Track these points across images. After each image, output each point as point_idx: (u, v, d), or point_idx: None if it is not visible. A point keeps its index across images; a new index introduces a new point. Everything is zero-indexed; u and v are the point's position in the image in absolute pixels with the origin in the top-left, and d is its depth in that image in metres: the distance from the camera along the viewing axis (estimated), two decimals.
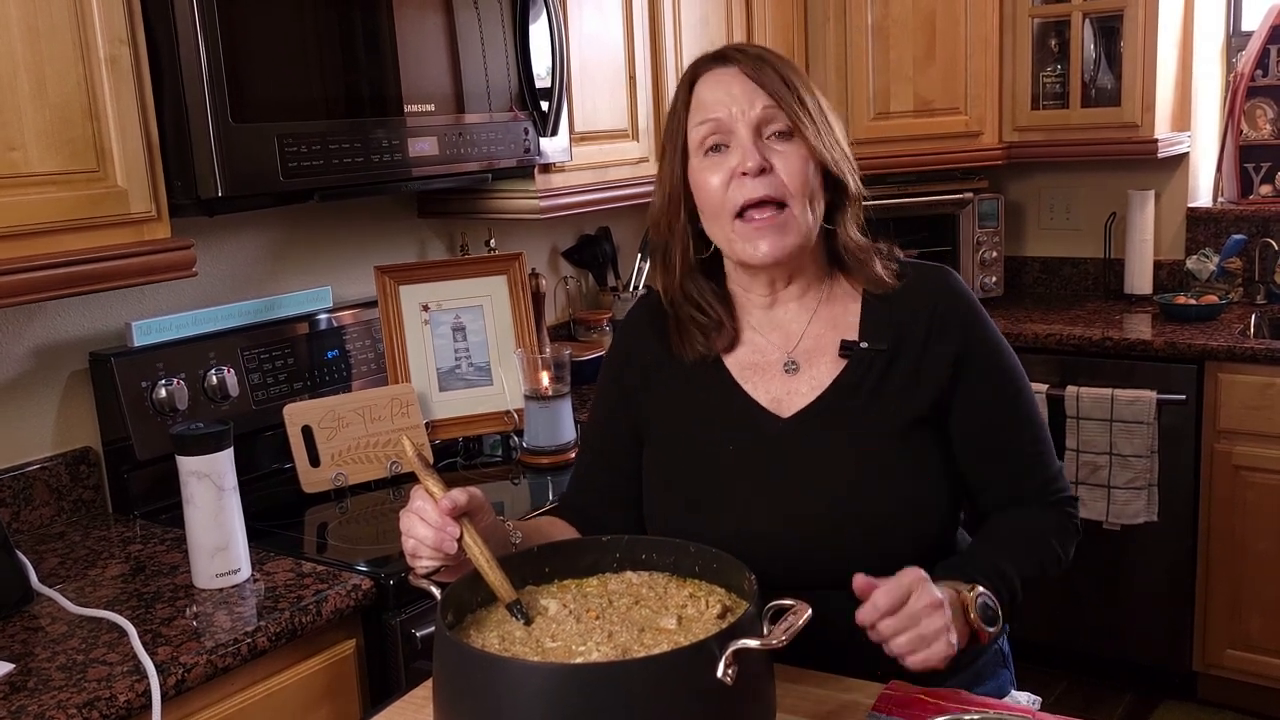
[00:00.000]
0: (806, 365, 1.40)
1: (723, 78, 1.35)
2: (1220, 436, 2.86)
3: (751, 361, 1.42)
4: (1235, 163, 3.41)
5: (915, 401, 1.36)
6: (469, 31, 2.06)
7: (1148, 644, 3.06)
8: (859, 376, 1.37)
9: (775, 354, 1.41)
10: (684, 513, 1.39)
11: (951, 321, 1.38)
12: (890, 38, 3.22)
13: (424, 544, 1.17)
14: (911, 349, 1.37)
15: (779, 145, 1.33)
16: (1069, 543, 1.40)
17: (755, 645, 0.98)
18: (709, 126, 1.34)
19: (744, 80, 1.33)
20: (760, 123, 1.33)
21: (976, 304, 1.42)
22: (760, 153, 1.31)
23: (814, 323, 1.41)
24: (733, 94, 1.33)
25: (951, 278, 1.42)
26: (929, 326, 1.37)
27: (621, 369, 1.50)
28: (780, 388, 1.39)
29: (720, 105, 1.33)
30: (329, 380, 2.25)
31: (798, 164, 1.32)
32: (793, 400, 1.38)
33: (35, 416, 1.95)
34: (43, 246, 1.55)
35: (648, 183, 2.63)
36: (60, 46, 1.55)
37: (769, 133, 1.33)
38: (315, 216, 2.35)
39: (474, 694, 0.99)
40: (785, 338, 1.42)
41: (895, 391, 1.36)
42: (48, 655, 1.46)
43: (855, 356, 1.37)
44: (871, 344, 1.37)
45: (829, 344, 1.40)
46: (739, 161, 1.32)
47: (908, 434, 1.35)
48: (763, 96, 1.32)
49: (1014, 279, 3.65)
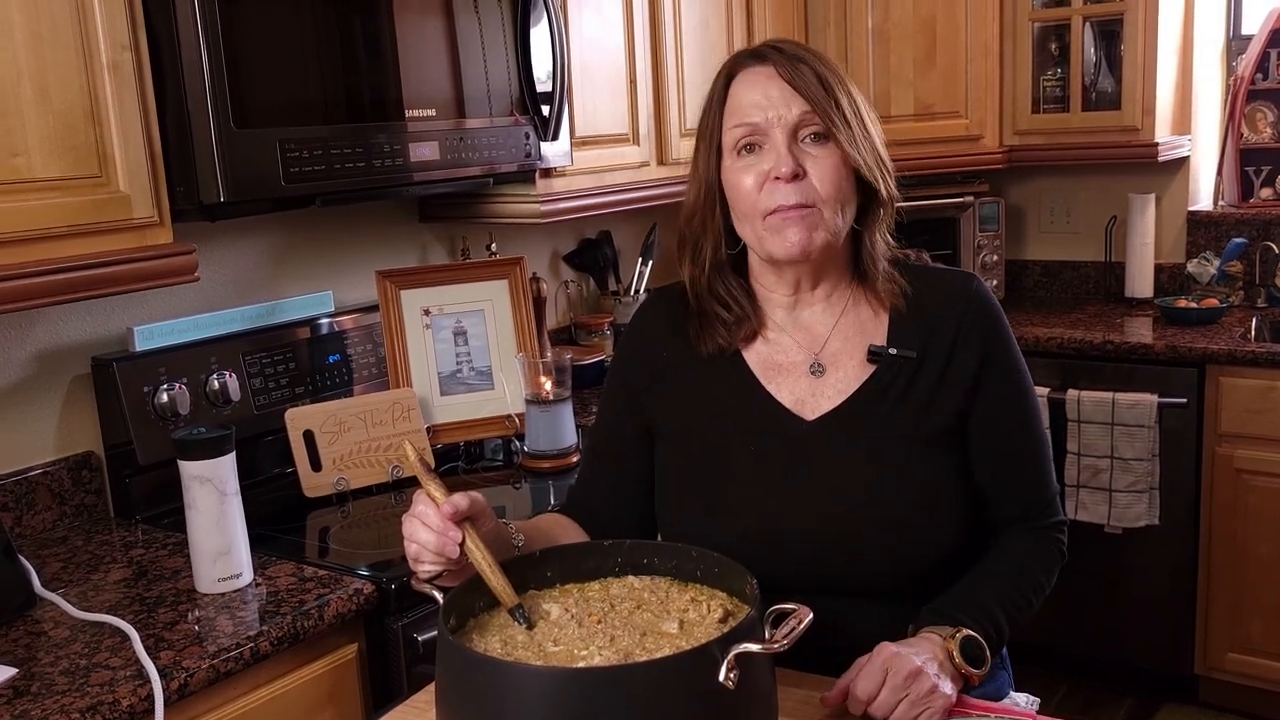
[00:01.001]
0: (833, 368, 1.39)
1: (758, 78, 1.34)
2: (1221, 440, 2.86)
3: (774, 361, 1.41)
4: (1236, 166, 3.41)
5: (940, 409, 1.36)
6: (470, 36, 2.07)
7: (1149, 647, 3.06)
8: (886, 383, 1.37)
9: (800, 355, 1.41)
10: (700, 512, 1.38)
11: (976, 328, 1.38)
12: (891, 42, 3.23)
13: (426, 548, 1.17)
14: (939, 355, 1.37)
15: (813, 149, 1.32)
16: (1055, 570, 1.41)
17: (757, 649, 0.98)
18: (744, 130, 1.33)
19: (780, 83, 1.32)
20: (796, 126, 1.32)
21: (1001, 313, 1.42)
22: (795, 158, 1.31)
23: (841, 325, 1.41)
24: (770, 96, 1.32)
25: (979, 284, 1.42)
26: (956, 333, 1.37)
27: (628, 368, 1.50)
28: (805, 389, 1.39)
29: (756, 108, 1.32)
30: (330, 385, 2.25)
31: (830, 169, 1.32)
32: (818, 403, 1.38)
33: (37, 421, 1.95)
34: (45, 252, 1.56)
35: (649, 187, 2.65)
36: (63, 52, 1.55)
37: (804, 135, 1.32)
38: (317, 221, 2.35)
39: (476, 698, 0.99)
40: (811, 339, 1.41)
41: (921, 398, 1.36)
42: (50, 660, 1.46)
43: (884, 362, 1.37)
44: (900, 350, 1.37)
45: (856, 348, 1.39)
46: (773, 166, 1.31)
47: (932, 442, 1.35)
48: (799, 101, 1.31)
49: (1015, 282, 3.65)
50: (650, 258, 2.97)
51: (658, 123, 2.67)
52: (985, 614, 1.29)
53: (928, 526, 1.33)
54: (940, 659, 1.22)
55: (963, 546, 1.37)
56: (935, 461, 1.35)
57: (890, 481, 1.33)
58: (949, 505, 1.35)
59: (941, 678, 1.19)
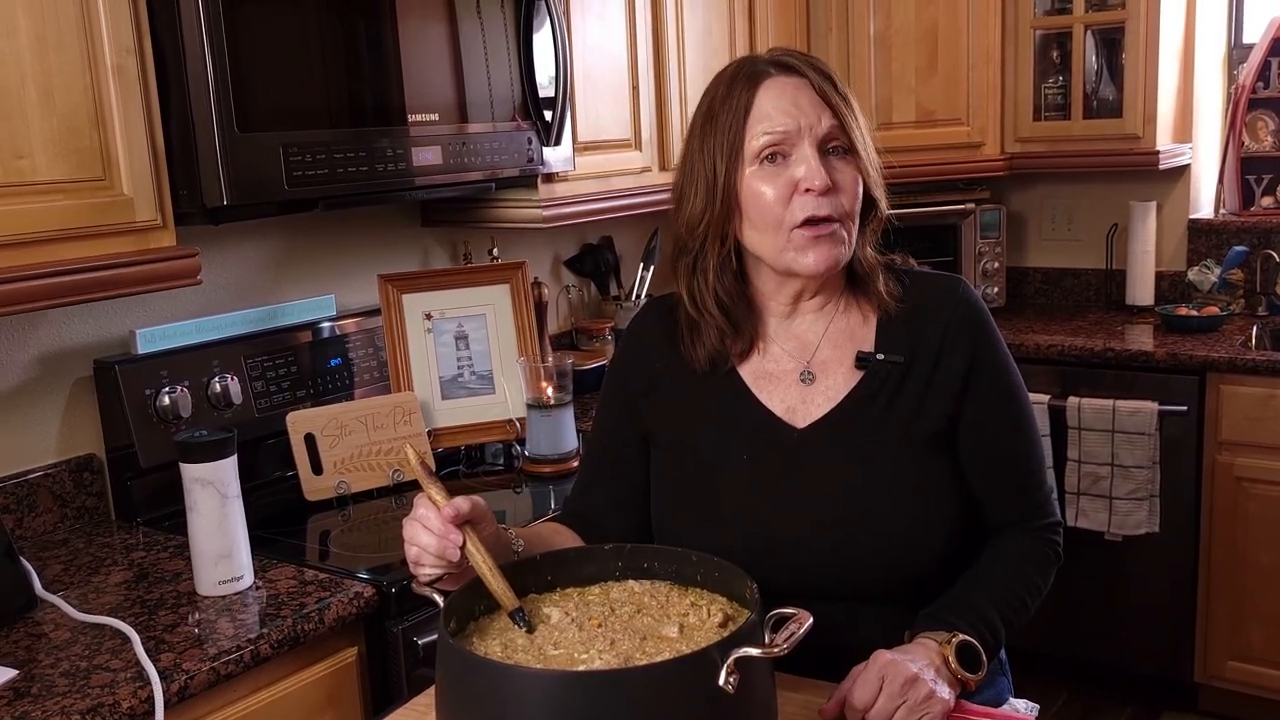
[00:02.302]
0: (822, 376, 1.40)
1: (788, 88, 1.33)
2: (1222, 448, 2.86)
3: (766, 370, 1.42)
4: (1237, 174, 3.41)
5: (930, 413, 1.36)
6: (473, 41, 2.07)
7: (1149, 655, 3.05)
8: (875, 388, 1.37)
9: (790, 364, 1.41)
10: (694, 522, 1.39)
11: (963, 332, 1.38)
12: (893, 48, 3.24)
13: (427, 552, 1.18)
14: (926, 360, 1.37)
15: (838, 163, 1.33)
16: (1050, 571, 1.41)
17: (757, 653, 0.99)
18: (773, 137, 1.32)
19: (811, 93, 1.33)
20: (825, 139, 1.32)
21: (988, 316, 1.42)
22: (826, 170, 1.31)
23: (830, 333, 1.41)
24: (800, 106, 1.32)
25: (965, 288, 1.42)
26: (943, 337, 1.38)
27: (627, 374, 1.50)
28: (796, 397, 1.39)
29: (788, 117, 1.32)
30: (332, 388, 2.26)
31: (853, 184, 1.34)
32: (808, 410, 1.38)
33: (39, 423, 1.95)
34: (48, 254, 1.56)
35: (650, 192, 2.65)
36: (68, 56, 1.56)
37: (829, 148, 1.33)
38: (319, 225, 2.35)
39: (476, 702, 0.99)
40: (801, 347, 1.42)
41: (910, 403, 1.36)
42: (51, 661, 1.47)
43: (871, 368, 1.38)
44: (887, 355, 1.38)
45: (845, 355, 1.40)
46: (805, 176, 1.31)
47: (922, 446, 1.35)
48: (829, 114, 1.32)
49: (1015, 290, 3.66)
50: (652, 263, 2.97)
51: (660, 128, 2.67)
52: (981, 618, 1.30)
53: (920, 530, 1.33)
54: (936, 664, 1.22)
55: (957, 550, 1.37)
56: (926, 465, 1.35)
57: (881, 486, 1.34)
58: (941, 509, 1.35)
59: (938, 683, 1.19)
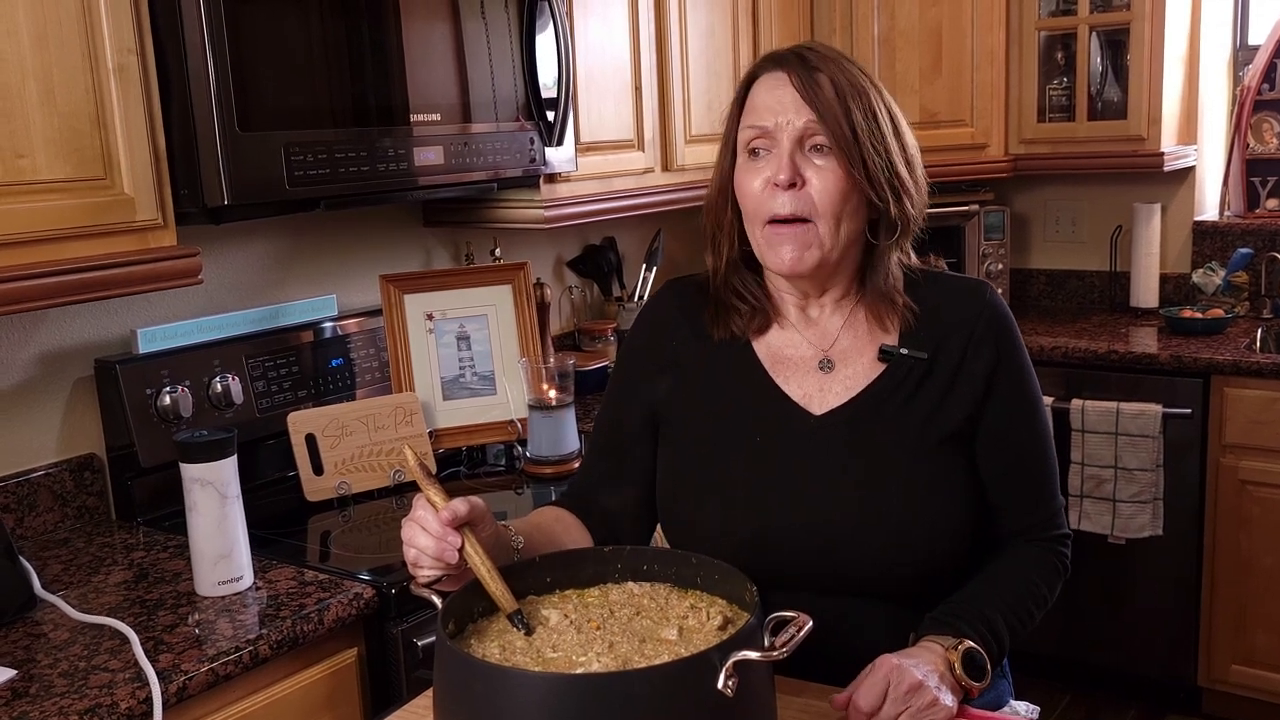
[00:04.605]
0: (842, 364, 1.39)
1: (775, 84, 1.34)
2: (1226, 451, 2.85)
3: (784, 355, 1.41)
4: (1242, 176, 3.41)
5: (948, 414, 1.35)
6: (475, 41, 2.07)
7: (1152, 658, 3.05)
8: (896, 382, 1.36)
9: (809, 350, 1.41)
10: (699, 502, 1.38)
11: (988, 338, 1.38)
12: (897, 49, 3.23)
13: (425, 553, 1.17)
14: (949, 362, 1.37)
15: (818, 160, 1.32)
16: (1057, 584, 1.40)
17: (756, 657, 0.98)
18: (754, 132, 1.34)
19: (792, 90, 1.32)
20: (802, 136, 1.32)
21: (1014, 323, 1.41)
22: (794, 166, 1.31)
23: (851, 322, 1.41)
24: (782, 102, 1.32)
25: (992, 292, 1.41)
26: (967, 341, 1.37)
27: (637, 356, 1.50)
28: (813, 384, 1.39)
29: (769, 112, 1.33)
30: (333, 389, 2.26)
31: (831, 183, 1.31)
32: (825, 398, 1.38)
33: (40, 423, 1.95)
34: (49, 253, 1.56)
35: (653, 193, 2.65)
36: (69, 55, 1.56)
37: (810, 145, 1.32)
38: (321, 225, 2.35)
39: (475, 704, 0.99)
40: (821, 335, 1.41)
41: (930, 401, 1.35)
42: (50, 661, 1.46)
43: (894, 362, 1.37)
44: (911, 351, 1.37)
45: (867, 346, 1.39)
46: (773, 171, 1.32)
47: (938, 446, 1.35)
48: (807, 110, 1.31)
49: (1019, 291, 3.65)
50: (654, 264, 2.97)
51: (662, 129, 2.67)
52: (988, 624, 1.29)
53: (928, 529, 1.33)
54: (941, 670, 1.22)
55: (964, 553, 1.37)
56: (940, 465, 1.35)
57: (893, 481, 1.33)
58: (952, 509, 1.34)
59: (942, 690, 1.19)
